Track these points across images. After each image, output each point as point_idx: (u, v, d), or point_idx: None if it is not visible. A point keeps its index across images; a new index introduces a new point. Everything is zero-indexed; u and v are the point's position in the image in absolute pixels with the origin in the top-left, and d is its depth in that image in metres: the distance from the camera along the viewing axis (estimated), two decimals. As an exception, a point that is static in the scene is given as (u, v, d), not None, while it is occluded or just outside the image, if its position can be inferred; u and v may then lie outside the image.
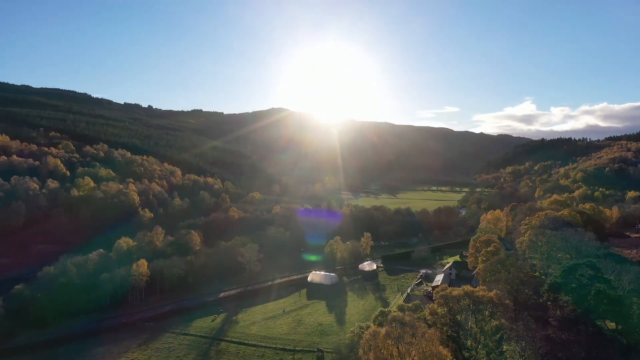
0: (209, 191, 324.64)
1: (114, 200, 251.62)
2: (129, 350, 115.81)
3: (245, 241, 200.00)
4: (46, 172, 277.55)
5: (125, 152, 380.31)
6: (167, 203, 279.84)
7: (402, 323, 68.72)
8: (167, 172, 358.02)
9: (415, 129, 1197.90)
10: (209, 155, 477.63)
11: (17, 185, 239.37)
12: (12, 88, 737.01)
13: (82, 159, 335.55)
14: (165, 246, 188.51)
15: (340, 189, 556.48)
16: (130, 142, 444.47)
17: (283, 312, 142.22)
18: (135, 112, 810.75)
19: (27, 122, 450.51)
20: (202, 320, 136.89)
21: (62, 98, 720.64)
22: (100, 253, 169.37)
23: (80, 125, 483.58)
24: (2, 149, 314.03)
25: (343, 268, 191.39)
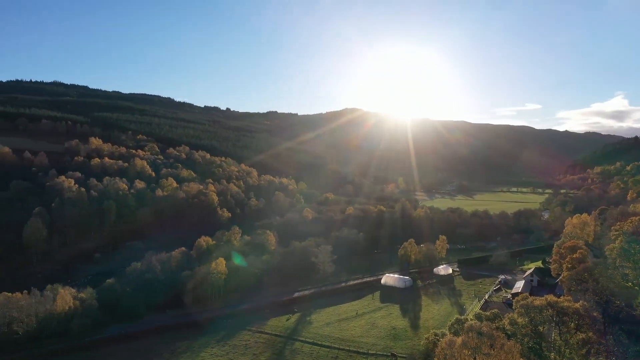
0: (283, 192, 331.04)
1: (194, 200, 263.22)
2: (208, 345, 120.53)
3: (319, 242, 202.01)
4: (134, 173, 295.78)
5: (204, 154, 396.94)
6: (244, 203, 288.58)
7: (479, 333, 66.32)
8: (244, 173, 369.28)
9: (493, 128, 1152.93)
10: (284, 156, 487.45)
11: (108, 185, 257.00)
12: (104, 94, 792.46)
13: (165, 161, 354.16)
14: (242, 245, 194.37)
15: (414, 190, 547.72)
16: (210, 144, 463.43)
17: (356, 315, 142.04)
18: (214, 115, 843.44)
19: (118, 126, 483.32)
20: (277, 319, 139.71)
21: (148, 103, 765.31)
22: (182, 251, 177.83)
23: (164, 129, 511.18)
24: (96, 152, 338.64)
25: (417, 271, 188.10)
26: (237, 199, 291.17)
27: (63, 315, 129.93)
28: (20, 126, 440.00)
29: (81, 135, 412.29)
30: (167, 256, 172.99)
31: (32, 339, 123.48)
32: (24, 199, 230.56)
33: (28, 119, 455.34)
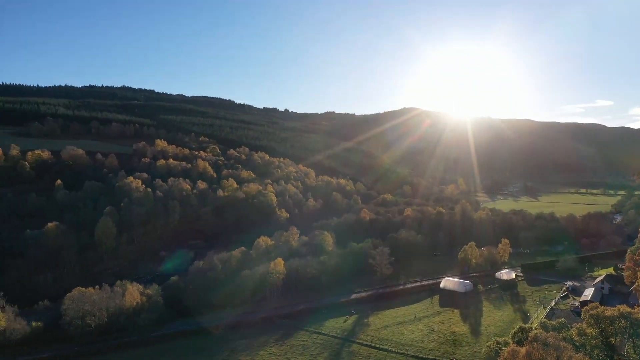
0: (340, 192, 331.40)
1: (253, 200, 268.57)
2: (267, 344, 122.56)
3: (377, 243, 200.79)
4: (196, 174, 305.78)
5: (264, 155, 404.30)
6: (302, 204, 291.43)
7: (545, 344, 63.56)
8: (302, 173, 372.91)
9: (559, 126, 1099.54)
10: (341, 156, 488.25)
11: (173, 186, 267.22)
12: (169, 98, 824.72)
13: (226, 162, 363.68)
14: (300, 246, 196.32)
15: (475, 191, 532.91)
16: (269, 145, 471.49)
17: (414, 318, 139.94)
18: (273, 116, 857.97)
19: (181, 129, 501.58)
20: (335, 321, 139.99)
21: (210, 105, 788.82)
22: (242, 250, 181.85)
23: (225, 130, 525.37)
24: (161, 153, 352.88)
25: (478, 275, 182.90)
26: (295, 200, 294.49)
27: (131, 310, 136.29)
28: (93, 129, 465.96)
29: (148, 137, 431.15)
30: (228, 255, 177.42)
31: (103, 332, 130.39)
32: (96, 199, 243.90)
33: (100, 122, 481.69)
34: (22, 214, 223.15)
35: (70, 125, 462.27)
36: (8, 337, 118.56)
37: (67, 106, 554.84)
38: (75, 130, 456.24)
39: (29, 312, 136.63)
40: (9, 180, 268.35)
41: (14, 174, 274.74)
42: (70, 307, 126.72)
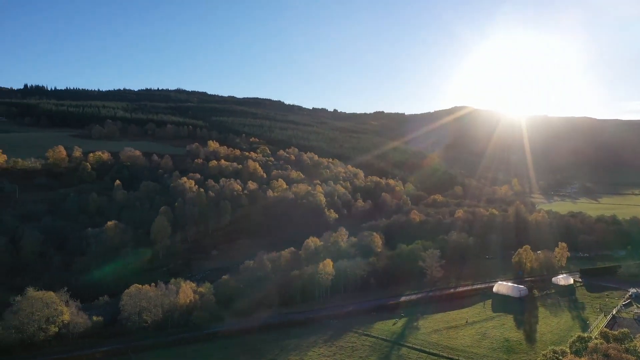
0: (390, 193, 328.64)
1: (302, 201, 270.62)
2: (316, 345, 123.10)
3: (427, 245, 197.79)
4: (247, 175, 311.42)
5: (313, 155, 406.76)
6: (351, 204, 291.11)
7: (605, 355, 60.64)
8: (351, 174, 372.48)
9: (623, 124, 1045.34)
10: (391, 156, 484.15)
11: (224, 186, 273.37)
12: (221, 99, 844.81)
13: (276, 162, 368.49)
14: (349, 247, 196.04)
15: (530, 192, 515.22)
16: (318, 146, 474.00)
17: (466, 323, 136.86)
18: (322, 116, 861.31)
19: (232, 130, 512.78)
20: (384, 323, 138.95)
21: (260, 106, 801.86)
22: (291, 251, 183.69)
23: (275, 131, 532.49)
24: (213, 154, 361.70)
25: (533, 280, 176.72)
26: (343, 200, 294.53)
27: (185, 307, 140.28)
28: (149, 131, 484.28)
29: (201, 138, 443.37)
30: (277, 255, 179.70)
31: (158, 327, 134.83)
32: (152, 199, 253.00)
33: (156, 124, 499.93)
34: (84, 213, 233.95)
35: (128, 128, 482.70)
36: (71, 330, 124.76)
37: (125, 109, 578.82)
38: (133, 132, 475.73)
39: (90, 307, 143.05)
40: (72, 180, 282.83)
41: (77, 175, 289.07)
42: (128, 303, 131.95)
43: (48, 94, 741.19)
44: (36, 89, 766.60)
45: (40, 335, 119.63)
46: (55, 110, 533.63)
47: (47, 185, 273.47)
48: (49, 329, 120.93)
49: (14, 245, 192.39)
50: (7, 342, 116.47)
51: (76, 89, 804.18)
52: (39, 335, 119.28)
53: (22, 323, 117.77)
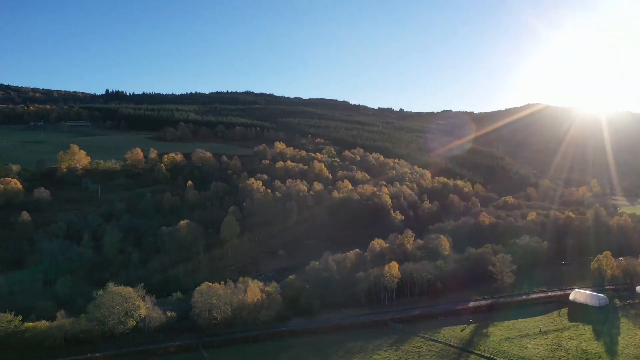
0: (458, 194, 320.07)
1: (368, 202, 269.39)
2: (381, 348, 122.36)
3: (497, 249, 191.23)
4: (313, 176, 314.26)
5: (378, 156, 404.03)
6: (417, 206, 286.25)
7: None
8: (417, 174, 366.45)
9: None
10: (459, 156, 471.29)
11: (290, 187, 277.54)
12: (287, 101, 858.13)
13: (341, 163, 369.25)
14: (415, 249, 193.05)
15: (611, 194, 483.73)
16: (383, 146, 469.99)
17: (539, 332, 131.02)
18: (388, 116, 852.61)
19: (298, 130, 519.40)
20: (451, 329, 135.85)
21: (326, 107, 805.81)
22: (357, 252, 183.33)
23: (340, 131, 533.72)
24: (280, 155, 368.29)
25: (614, 288, 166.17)
26: (409, 201, 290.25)
27: (252, 306, 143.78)
28: (219, 133, 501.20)
29: (268, 140, 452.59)
30: (343, 257, 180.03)
31: (228, 325, 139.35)
32: (221, 199, 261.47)
33: (225, 126, 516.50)
34: (159, 212, 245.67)
35: (200, 129, 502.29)
36: (147, 324, 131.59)
37: (196, 112, 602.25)
38: (204, 134, 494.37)
39: (164, 303, 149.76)
40: (148, 180, 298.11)
41: (153, 175, 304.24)
42: (199, 300, 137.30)
43: (127, 98, 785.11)
44: (116, 94, 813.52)
45: (120, 328, 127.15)
46: (133, 114, 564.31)
47: (125, 185, 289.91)
48: (127, 323, 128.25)
49: (96, 242, 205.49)
50: (90, 334, 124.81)
51: (152, 93, 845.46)
52: (118, 328, 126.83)
53: (103, 316, 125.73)
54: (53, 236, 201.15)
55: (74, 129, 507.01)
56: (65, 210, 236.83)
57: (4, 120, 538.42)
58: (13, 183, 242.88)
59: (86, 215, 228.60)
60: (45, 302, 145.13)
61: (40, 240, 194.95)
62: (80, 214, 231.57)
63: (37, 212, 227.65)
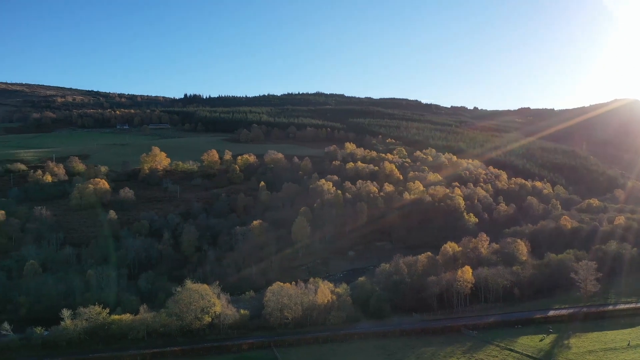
0: (536, 196, 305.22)
1: (440, 204, 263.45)
2: (453, 355, 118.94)
3: (580, 255, 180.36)
4: (383, 177, 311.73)
5: (451, 156, 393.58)
6: (492, 208, 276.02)
7: None
8: (492, 175, 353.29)
9: None
10: (537, 156, 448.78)
11: (361, 188, 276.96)
12: (358, 101, 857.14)
13: (412, 164, 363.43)
14: (490, 254, 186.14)
15: None
16: (457, 146, 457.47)
17: (628, 345, 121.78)
18: (461, 115, 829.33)
19: (369, 131, 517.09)
20: (529, 338, 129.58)
21: (397, 106, 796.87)
22: (428, 256, 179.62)
23: (412, 131, 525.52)
24: (350, 156, 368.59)
25: None
26: (484, 204, 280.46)
27: (322, 307, 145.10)
28: (290, 134, 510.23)
29: (338, 140, 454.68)
30: (414, 259, 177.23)
31: (298, 324, 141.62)
32: (292, 199, 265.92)
33: (296, 127, 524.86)
34: (233, 212, 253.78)
35: (272, 131, 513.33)
36: (222, 321, 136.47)
37: (269, 113, 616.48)
38: (276, 135, 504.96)
39: (238, 300, 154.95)
40: (223, 181, 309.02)
41: (227, 176, 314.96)
42: (271, 300, 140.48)
43: (204, 102, 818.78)
44: (194, 98, 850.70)
45: (196, 324, 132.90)
46: (209, 117, 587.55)
47: (202, 185, 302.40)
48: (204, 319, 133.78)
49: (175, 239, 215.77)
50: (169, 328, 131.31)
51: (227, 96, 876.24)
52: (195, 323, 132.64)
53: (181, 311, 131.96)
54: (136, 234, 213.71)
55: (156, 132, 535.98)
56: (147, 209, 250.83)
57: (94, 124, 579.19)
58: (102, 183, 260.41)
59: (166, 214, 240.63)
60: (129, 296, 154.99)
61: (125, 238, 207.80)
62: (161, 213, 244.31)
63: (123, 210, 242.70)
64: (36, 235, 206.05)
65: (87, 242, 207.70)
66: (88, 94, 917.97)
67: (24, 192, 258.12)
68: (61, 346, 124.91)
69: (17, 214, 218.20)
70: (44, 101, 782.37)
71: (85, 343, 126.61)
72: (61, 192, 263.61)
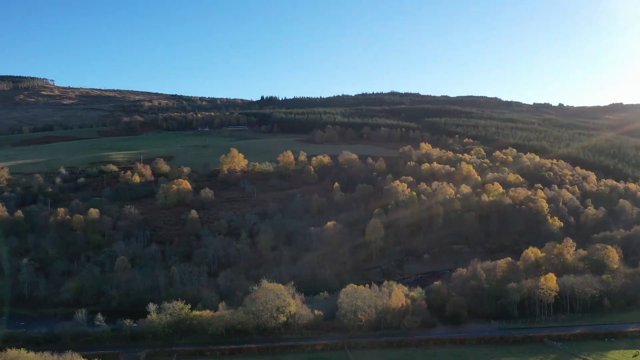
0: (630, 199, 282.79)
1: (521, 206, 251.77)
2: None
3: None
4: (460, 178, 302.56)
5: (533, 156, 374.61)
6: (579, 212, 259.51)
7: None
8: (579, 177, 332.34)
9: None
10: (630, 156, 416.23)
11: (436, 190, 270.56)
12: (433, 100, 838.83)
13: (491, 164, 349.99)
14: (577, 261, 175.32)
15: None
16: (539, 145, 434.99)
17: None
18: (545, 112, 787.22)
19: (445, 131, 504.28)
20: (620, 353, 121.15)
21: (475, 105, 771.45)
22: (508, 261, 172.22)
23: (490, 131, 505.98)
24: (426, 157, 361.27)
25: None
26: (570, 207, 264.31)
27: (396, 310, 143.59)
28: (364, 134, 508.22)
29: (413, 140, 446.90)
30: (493, 265, 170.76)
31: (372, 327, 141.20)
32: (366, 200, 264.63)
33: (370, 127, 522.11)
34: (308, 212, 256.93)
35: (346, 132, 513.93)
36: (297, 321, 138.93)
37: (343, 114, 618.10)
38: (350, 136, 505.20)
39: (312, 301, 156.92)
40: (298, 182, 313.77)
41: (302, 177, 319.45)
42: (345, 301, 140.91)
43: (279, 103, 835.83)
44: (270, 100, 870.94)
45: (272, 323, 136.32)
46: (285, 118, 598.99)
47: (277, 186, 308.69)
48: (279, 318, 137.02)
49: (252, 239, 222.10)
50: (246, 326, 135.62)
51: (302, 97, 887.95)
52: (270, 322, 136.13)
53: (258, 310, 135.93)
54: (216, 232, 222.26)
55: (234, 134, 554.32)
56: (226, 209, 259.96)
57: (178, 127, 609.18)
58: (185, 184, 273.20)
59: (244, 214, 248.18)
60: (209, 293, 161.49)
61: (205, 236, 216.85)
62: (238, 213, 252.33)
63: (203, 210, 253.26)
64: (126, 232, 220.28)
65: (171, 240, 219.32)
66: (172, 98, 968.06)
67: (115, 192, 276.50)
68: (147, 338, 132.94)
69: (109, 212, 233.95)
70: (133, 106, 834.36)
71: (168, 336, 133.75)
72: (148, 192, 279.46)
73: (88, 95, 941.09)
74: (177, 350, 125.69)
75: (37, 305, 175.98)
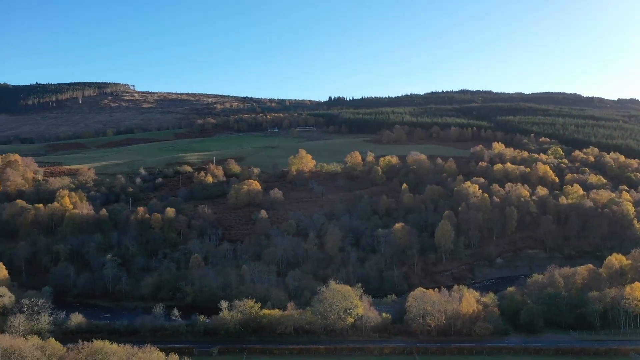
0: None
1: (604, 210, 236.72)
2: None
3: None
4: (536, 179, 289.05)
5: (617, 156, 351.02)
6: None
7: None
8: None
9: None
10: None
11: (510, 191, 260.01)
12: (507, 97, 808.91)
13: (570, 165, 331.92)
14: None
15: None
16: (624, 144, 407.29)
17: None
18: (631, 108, 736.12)
19: (519, 129, 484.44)
20: None
21: (552, 101, 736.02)
22: (589, 268, 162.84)
23: (569, 129, 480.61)
24: (498, 157, 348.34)
25: None
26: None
27: (467, 316, 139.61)
28: (434, 134, 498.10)
29: (485, 140, 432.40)
30: (572, 271, 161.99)
31: (441, 332, 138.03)
32: (436, 202, 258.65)
33: (440, 127, 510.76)
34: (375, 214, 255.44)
35: (414, 131, 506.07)
36: (364, 323, 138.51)
37: (411, 113, 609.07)
38: (418, 136, 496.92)
39: (379, 303, 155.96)
40: (366, 182, 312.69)
41: (370, 178, 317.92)
42: (413, 305, 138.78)
43: (347, 103, 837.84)
44: (337, 100, 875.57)
45: (339, 324, 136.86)
46: (352, 119, 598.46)
47: (345, 186, 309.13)
48: (346, 319, 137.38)
49: (320, 239, 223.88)
50: (314, 326, 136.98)
51: (370, 97, 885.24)
52: (338, 323, 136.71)
53: (325, 310, 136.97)
54: (285, 232, 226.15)
55: (302, 134, 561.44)
56: (295, 209, 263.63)
57: (248, 128, 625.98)
58: (255, 184, 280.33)
59: (312, 215, 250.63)
60: (278, 293, 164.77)
61: (275, 236, 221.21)
62: (306, 213, 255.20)
63: (272, 210, 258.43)
64: (199, 231, 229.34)
65: (242, 239, 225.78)
66: (243, 100, 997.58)
67: (190, 192, 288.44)
68: (220, 334, 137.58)
69: (184, 212, 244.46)
70: (206, 108, 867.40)
71: (239, 333, 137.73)
72: (220, 192, 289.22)
73: (165, 99, 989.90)
74: (247, 347, 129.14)
75: (119, 299, 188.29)
